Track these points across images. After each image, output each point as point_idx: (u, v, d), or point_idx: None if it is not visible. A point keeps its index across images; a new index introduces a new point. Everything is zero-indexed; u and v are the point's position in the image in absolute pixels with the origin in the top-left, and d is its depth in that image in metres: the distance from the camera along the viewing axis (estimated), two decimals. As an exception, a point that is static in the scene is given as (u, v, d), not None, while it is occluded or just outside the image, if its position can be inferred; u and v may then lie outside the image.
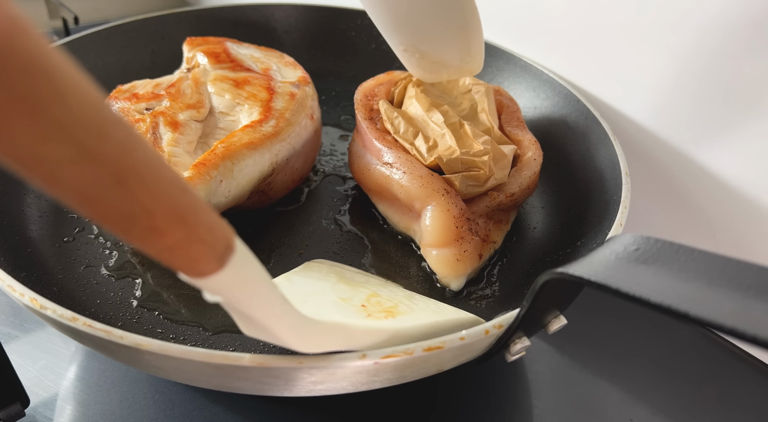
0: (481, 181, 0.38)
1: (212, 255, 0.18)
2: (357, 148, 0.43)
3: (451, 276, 0.38)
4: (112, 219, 0.15)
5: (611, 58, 0.47)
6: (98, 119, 0.13)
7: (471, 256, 0.38)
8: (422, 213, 0.38)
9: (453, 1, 0.37)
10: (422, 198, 0.37)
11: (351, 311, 0.29)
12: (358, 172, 0.42)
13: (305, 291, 0.31)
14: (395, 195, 0.39)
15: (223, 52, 0.46)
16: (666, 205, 0.47)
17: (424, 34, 0.39)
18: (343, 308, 0.29)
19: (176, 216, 0.16)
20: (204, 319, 0.35)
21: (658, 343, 0.43)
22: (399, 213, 0.41)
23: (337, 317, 0.27)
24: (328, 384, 0.26)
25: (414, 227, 0.40)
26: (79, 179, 0.13)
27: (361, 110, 0.43)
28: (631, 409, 0.38)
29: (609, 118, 0.48)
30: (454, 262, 0.37)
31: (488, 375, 0.39)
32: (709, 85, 0.41)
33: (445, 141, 0.38)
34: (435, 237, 0.37)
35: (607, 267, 0.22)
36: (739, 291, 0.19)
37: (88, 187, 0.14)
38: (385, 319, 0.29)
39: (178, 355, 0.24)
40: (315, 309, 0.27)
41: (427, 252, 0.38)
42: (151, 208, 0.15)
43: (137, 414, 0.34)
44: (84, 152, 0.13)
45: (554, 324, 0.30)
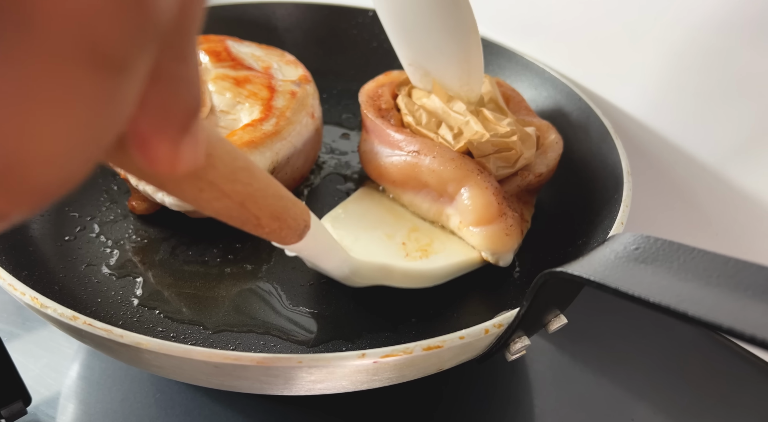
0: (511, 162, 0.39)
1: (295, 234, 0.27)
2: (371, 146, 0.42)
3: (502, 252, 0.38)
4: (233, 222, 0.22)
5: (613, 56, 0.47)
6: (233, 171, 0.20)
7: (517, 231, 0.38)
8: (458, 195, 0.38)
9: (456, 29, 0.38)
10: (457, 179, 0.37)
11: (393, 250, 0.38)
12: (377, 168, 0.42)
13: (357, 226, 0.40)
14: (425, 182, 0.39)
15: (224, 51, 0.46)
16: (668, 204, 0.47)
17: (428, 55, 0.41)
18: (386, 247, 0.38)
19: (274, 216, 0.24)
20: (205, 318, 0.35)
21: (659, 342, 0.43)
22: (429, 200, 0.41)
23: (380, 258, 0.36)
24: (328, 383, 0.26)
25: (447, 211, 0.40)
26: (217, 207, 0.21)
27: (370, 110, 0.43)
28: (632, 408, 0.38)
29: (611, 116, 0.48)
30: (503, 237, 0.37)
31: (489, 375, 0.39)
32: (713, 83, 0.41)
33: (470, 127, 0.39)
34: (478, 215, 0.37)
35: (606, 266, 0.22)
36: (738, 290, 0.19)
37: (221, 210, 0.21)
38: (420, 260, 0.37)
39: (178, 354, 0.24)
40: (363, 248, 0.37)
41: (471, 233, 0.38)
42: (258, 215, 0.23)
43: (138, 413, 0.35)
44: (222, 194, 0.20)
45: (554, 323, 0.30)
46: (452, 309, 0.37)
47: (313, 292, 0.37)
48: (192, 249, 0.39)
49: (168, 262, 0.38)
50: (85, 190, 0.43)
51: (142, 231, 0.41)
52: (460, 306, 0.37)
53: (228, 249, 0.40)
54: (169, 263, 0.38)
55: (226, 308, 0.36)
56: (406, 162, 0.39)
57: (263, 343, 0.34)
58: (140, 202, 0.41)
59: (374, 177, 0.43)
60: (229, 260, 0.39)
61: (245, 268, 0.38)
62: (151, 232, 0.41)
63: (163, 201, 0.36)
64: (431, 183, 0.39)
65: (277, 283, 0.38)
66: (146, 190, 0.37)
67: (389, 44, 0.43)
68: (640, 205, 0.48)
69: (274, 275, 0.38)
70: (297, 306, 0.36)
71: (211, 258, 0.39)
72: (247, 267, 0.39)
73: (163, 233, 0.40)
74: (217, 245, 0.40)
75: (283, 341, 0.34)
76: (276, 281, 0.38)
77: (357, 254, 0.35)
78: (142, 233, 0.40)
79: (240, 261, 0.39)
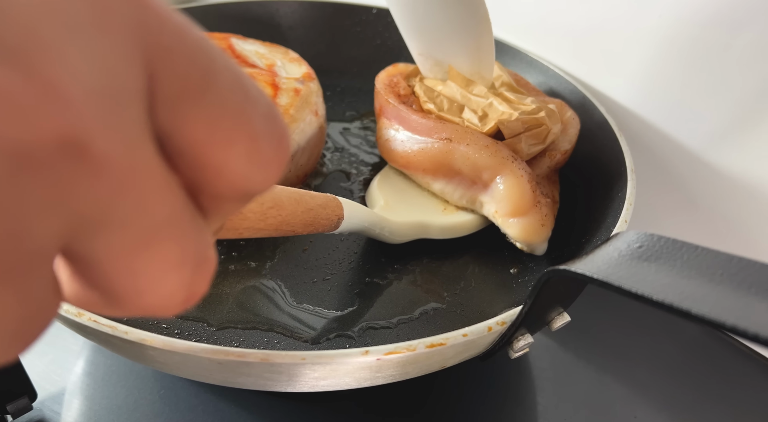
0: (542, 138, 0.39)
1: (330, 226, 0.31)
2: (395, 134, 0.42)
3: (538, 242, 0.39)
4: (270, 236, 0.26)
5: (618, 54, 0.47)
6: (263, 213, 0.24)
7: (550, 219, 0.39)
8: (492, 184, 0.38)
9: (468, 18, 0.39)
10: (492, 167, 0.37)
11: (431, 205, 0.42)
12: (404, 157, 0.41)
13: (402, 185, 0.43)
14: (457, 168, 0.39)
15: (228, 48, 0.46)
16: (672, 202, 0.47)
17: (439, 43, 0.42)
18: (426, 202, 0.42)
19: (306, 225, 0.28)
20: (209, 315, 0.35)
21: (663, 340, 0.43)
22: (462, 187, 0.40)
23: (418, 216, 0.40)
24: (331, 379, 0.27)
25: (481, 199, 0.40)
26: (255, 235, 0.25)
27: (390, 96, 0.42)
28: (635, 406, 0.38)
29: (615, 113, 0.48)
30: (539, 228, 0.38)
31: (492, 372, 0.39)
32: (718, 81, 0.41)
33: (495, 108, 0.39)
34: (515, 206, 0.37)
35: (609, 264, 0.22)
36: (741, 288, 0.19)
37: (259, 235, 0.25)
38: (456, 212, 0.41)
39: (182, 351, 0.24)
40: (406, 205, 0.41)
41: (507, 224, 0.39)
42: (293, 229, 0.27)
43: (143, 409, 0.35)
44: (258, 230, 0.25)
45: (558, 321, 0.30)
46: (456, 307, 0.37)
47: (316, 289, 0.37)
48: (196, 247, 0.40)
49: (172, 259, 0.39)
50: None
51: (146, 228, 0.41)
52: (463, 304, 0.37)
53: (232, 247, 0.40)
54: (173, 260, 0.38)
55: (230, 305, 0.36)
56: (437, 149, 0.39)
57: (267, 340, 0.34)
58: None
59: (400, 165, 0.42)
60: (233, 257, 0.39)
61: (249, 265, 0.39)
62: (155, 229, 0.41)
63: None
64: (464, 170, 0.38)
65: (280, 280, 0.38)
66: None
67: (393, 41, 0.43)
68: (644, 202, 0.48)
69: (278, 272, 0.38)
70: (301, 304, 0.36)
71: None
72: (251, 265, 0.39)
73: (168, 230, 0.41)
74: (221, 242, 0.40)
75: (286, 338, 0.34)
76: (280, 278, 0.38)
77: (399, 212, 0.39)
78: (147, 230, 0.41)
79: (244, 258, 0.39)
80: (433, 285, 0.39)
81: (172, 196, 0.10)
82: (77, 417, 0.34)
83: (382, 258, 0.40)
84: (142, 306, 0.11)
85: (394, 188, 0.43)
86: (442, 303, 0.37)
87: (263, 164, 0.12)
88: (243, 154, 0.11)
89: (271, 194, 0.25)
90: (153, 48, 0.10)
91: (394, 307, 0.37)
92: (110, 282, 0.10)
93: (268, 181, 0.12)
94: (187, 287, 0.11)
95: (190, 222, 0.11)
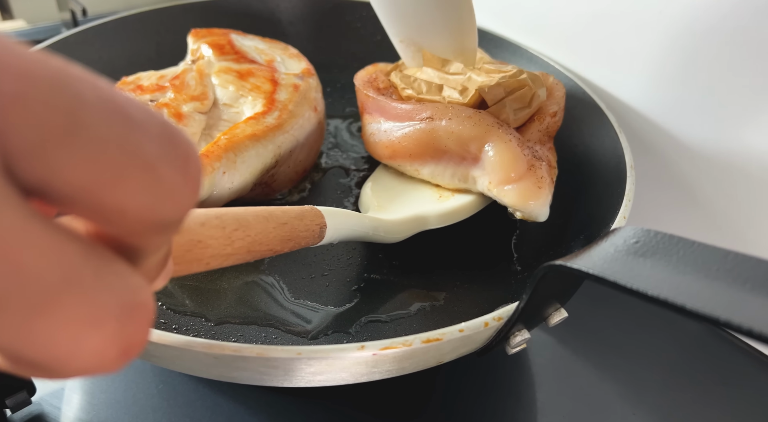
0: (527, 101, 0.37)
1: (314, 238, 0.29)
2: (378, 126, 0.41)
3: (537, 206, 0.36)
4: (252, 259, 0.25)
5: (617, 50, 0.47)
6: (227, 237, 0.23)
7: (548, 181, 0.37)
8: (482, 155, 0.36)
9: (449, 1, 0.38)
10: (478, 136, 0.36)
11: (426, 196, 0.40)
12: (389, 146, 0.40)
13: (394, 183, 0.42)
14: (444, 147, 0.37)
15: (228, 44, 0.46)
16: (671, 198, 0.47)
17: (420, 28, 0.40)
18: (419, 195, 0.40)
19: (284, 240, 0.26)
20: (207, 310, 0.35)
21: (662, 336, 0.43)
22: (451, 166, 0.39)
23: (413, 210, 0.38)
24: (328, 374, 0.27)
25: (473, 174, 0.38)
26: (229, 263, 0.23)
27: (369, 90, 0.42)
28: (633, 403, 0.38)
29: (615, 109, 0.48)
30: (536, 190, 0.36)
31: (491, 368, 0.39)
32: (718, 77, 0.41)
33: (474, 80, 0.38)
34: (507, 171, 0.36)
35: (605, 259, 0.22)
36: (736, 284, 0.19)
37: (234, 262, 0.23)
38: (453, 197, 0.39)
39: (178, 345, 0.24)
40: (399, 204, 0.39)
41: (503, 192, 0.36)
42: (270, 248, 0.26)
43: (141, 403, 0.35)
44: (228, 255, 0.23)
45: (555, 317, 0.30)
46: (452, 303, 0.37)
47: (314, 285, 0.37)
48: (195, 242, 0.40)
49: (171, 255, 0.39)
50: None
51: (145, 223, 0.41)
52: (461, 300, 0.37)
53: (230, 242, 0.40)
54: (172, 255, 0.39)
55: (228, 300, 0.36)
56: (420, 130, 0.38)
57: (264, 335, 0.34)
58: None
59: (387, 157, 0.42)
60: (231, 253, 0.39)
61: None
62: (154, 225, 0.41)
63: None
64: (451, 146, 0.37)
65: (279, 276, 0.38)
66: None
67: (392, 38, 0.42)
68: (643, 198, 0.48)
69: (276, 268, 0.38)
70: (298, 299, 0.36)
71: (213, 250, 0.39)
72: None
73: (167, 226, 0.41)
74: (220, 238, 0.40)
75: (284, 333, 0.34)
76: (278, 274, 0.38)
77: (393, 210, 0.38)
78: (146, 226, 0.41)
79: (242, 253, 0.39)
80: (431, 282, 0.39)
81: (59, 254, 0.09)
82: (76, 412, 0.34)
83: (381, 255, 0.40)
84: (75, 371, 0.10)
85: (386, 188, 0.42)
86: (439, 300, 0.37)
87: (169, 191, 0.11)
88: (140, 187, 0.10)
89: (233, 215, 0.23)
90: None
91: (392, 303, 0.37)
92: (26, 358, 0.10)
93: (183, 206, 0.11)
94: (118, 341, 0.10)
95: (96, 274, 0.10)
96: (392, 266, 0.39)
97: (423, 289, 0.38)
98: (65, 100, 0.09)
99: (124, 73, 0.45)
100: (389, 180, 0.43)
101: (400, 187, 0.42)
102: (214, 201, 0.37)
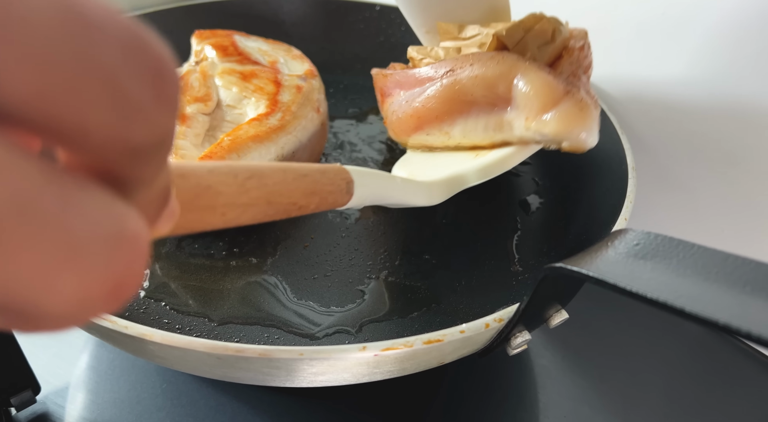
0: (549, 35, 0.36)
1: (342, 194, 0.27)
2: (397, 100, 0.40)
3: (582, 129, 0.33)
4: (274, 218, 0.23)
5: (620, 51, 0.47)
6: (241, 185, 0.21)
7: (589, 103, 0.34)
8: (512, 92, 0.34)
9: None
10: (504, 74, 0.34)
11: (462, 157, 0.38)
12: (414, 114, 0.38)
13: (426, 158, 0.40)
14: (471, 96, 0.35)
15: (231, 45, 0.46)
16: (673, 201, 0.47)
17: (448, 12, 0.39)
18: (455, 158, 0.38)
19: (307, 194, 0.24)
20: (210, 310, 0.35)
21: (664, 338, 0.43)
22: (483, 117, 0.37)
23: (450, 169, 0.36)
24: (329, 375, 0.27)
25: (507, 118, 0.36)
26: (249, 217, 0.22)
27: (386, 70, 0.41)
28: (636, 403, 0.38)
29: (616, 111, 0.48)
30: (578, 112, 0.33)
31: (493, 369, 0.39)
32: (721, 79, 0.41)
33: (490, 33, 0.36)
34: (542, 99, 0.33)
35: (605, 262, 0.22)
36: (736, 287, 0.19)
37: (255, 217, 0.22)
38: (491, 151, 0.37)
39: (181, 345, 0.24)
40: (434, 169, 0.37)
41: (543, 123, 0.33)
42: (292, 201, 0.23)
43: (146, 403, 0.35)
44: (245, 207, 0.21)
45: (556, 318, 0.30)
46: (456, 304, 0.37)
47: (317, 286, 0.38)
48: (198, 243, 0.40)
49: (174, 255, 0.39)
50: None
51: (149, 224, 0.41)
52: (464, 301, 0.38)
53: (233, 243, 0.40)
54: (175, 256, 0.39)
55: (231, 300, 0.36)
56: (444, 86, 0.36)
57: (267, 336, 0.34)
58: (147, 196, 0.41)
59: (413, 128, 0.39)
60: (234, 253, 0.39)
61: (250, 261, 0.39)
62: (158, 225, 0.41)
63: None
64: (478, 94, 0.35)
65: (281, 276, 0.38)
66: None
67: (396, 38, 0.43)
68: (644, 201, 0.48)
69: (279, 268, 0.39)
70: (301, 299, 0.37)
71: (216, 251, 0.39)
72: (252, 261, 0.39)
73: (170, 226, 0.41)
74: (223, 238, 0.40)
75: (287, 333, 0.34)
76: (281, 274, 0.38)
77: (430, 176, 0.36)
78: (150, 226, 0.41)
79: (245, 254, 0.39)
80: (434, 283, 0.39)
81: (5, 176, 0.08)
82: (80, 411, 0.34)
83: (383, 255, 0.40)
84: (59, 316, 0.09)
85: (415, 164, 0.39)
86: (442, 301, 0.37)
87: (136, 108, 0.09)
88: (99, 102, 0.09)
89: (244, 164, 0.22)
90: None
91: (394, 304, 0.37)
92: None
93: (156, 127, 0.10)
94: (102, 278, 0.09)
95: (64, 201, 0.09)
96: (395, 267, 0.40)
97: (425, 290, 0.38)
98: None
99: (128, 74, 0.45)
100: (417, 158, 0.40)
101: (431, 161, 0.39)
102: (218, 202, 0.38)
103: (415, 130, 0.40)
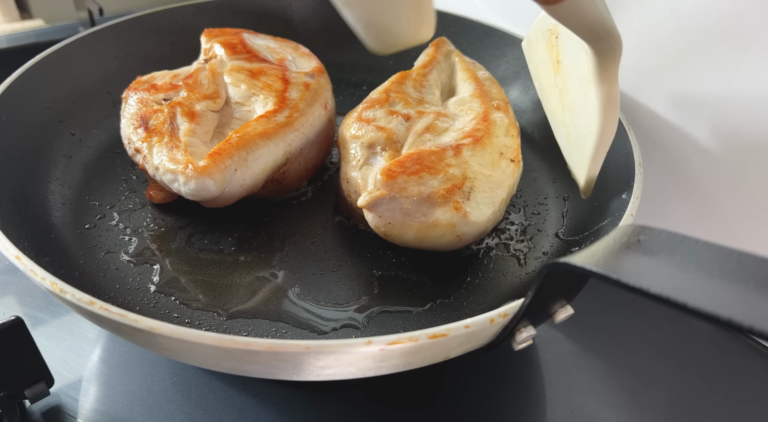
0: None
1: None
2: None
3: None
4: None
5: (627, 47, 0.47)
6: None
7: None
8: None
9: None
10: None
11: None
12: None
13: None
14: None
15: (240, 43, 0.47)
16: (680, 196, 0.47)
17: (382, 8, 0.40)
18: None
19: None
20: (219, 305, 0.36)
21: (670, 333, 0.43)
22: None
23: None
24: (336, 368, 0.27)
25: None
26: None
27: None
28: (642, 398, 0.38)
29: (624, 107, 0.48)
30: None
31: (499, 364, 0.39)
32: (727, 75, 0.40)
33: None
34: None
35: (609, 257, 0.22)
36: (739, 282, 0.19)
37: None
38: None
39: (190, 339, 0.24)
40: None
41: None
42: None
43: (156, 395, 0.36)
44: None
45: (561, 313, 0.30)
46: (462, 300, 0.37)
47: (324, 281, 0.38)
48: (207, 238, 0.40)
49: (184, 250, 0.39)
50: (105, 179, 0.45)
51: (159, 219, 0.42)
52: (470, 297, 0.38)
53: (242, 238, 0.40)
54: (185, 251, 0.39)
55: (240, 295, 0.36)
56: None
57: (275, 330, 0.35)
58: (158, 192, 0.42)
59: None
60: (243, 248, 0.40)
61: (259, 256, 0.39)
62: (168, 221, 0.42)
63: (179, 190, 0.37)
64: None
65: (289, 271, 0.38)
66: (163, 180, 0.38)
67: (402, 35, 0.43)
68: (651, 196, 0.48)
69: (287, 263, 0.39)
70: (309, 294, 0.37)
71: (225, 246, 0.40)
72: (261, 256, 0.39)
73: (180, 222, 0.42)
74: (232, 234, 0.41)
75: (294, 327, 0.35)
76: (289, 269, 0.39)
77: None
78: (160, 222, 0.41)
79: (254, 249, 0.40)
80: (440, 279, 0.39)
81: None
82: (93, 403, 0.35)
83: (389, 252, 0.41)
84: None
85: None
86: (448, 296, 0.38)
87: None
88: None
89: None
90: None
91: (400, 299, 0.37)
92: None
93: None
94: None
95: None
96: (401, 263, 0.40)
97: (431, 285, 0.38)
98: None
99: (139, 72, 0.46)
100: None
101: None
102: (226, 198, 0.38)
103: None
